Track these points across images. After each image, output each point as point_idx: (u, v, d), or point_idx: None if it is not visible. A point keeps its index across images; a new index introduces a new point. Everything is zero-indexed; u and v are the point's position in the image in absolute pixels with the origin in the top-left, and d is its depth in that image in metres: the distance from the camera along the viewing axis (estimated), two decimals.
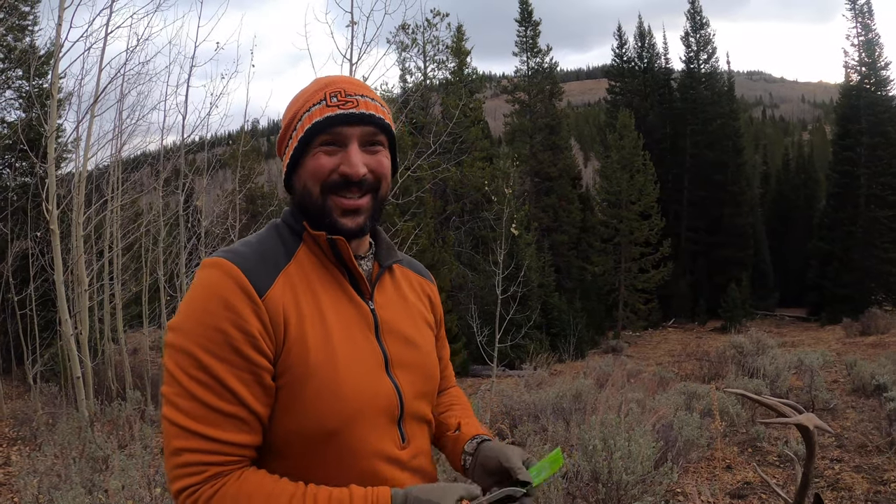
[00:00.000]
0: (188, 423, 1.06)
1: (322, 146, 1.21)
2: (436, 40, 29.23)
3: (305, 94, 1.26)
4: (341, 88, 1.23)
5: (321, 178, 1.20)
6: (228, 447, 1.08)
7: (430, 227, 22.93)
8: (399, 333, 1.29)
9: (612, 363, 14.83)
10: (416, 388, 1.29)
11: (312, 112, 1.22)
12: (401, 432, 1.25)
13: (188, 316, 1.10)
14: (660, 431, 5.27)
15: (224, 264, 1.13)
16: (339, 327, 1.20)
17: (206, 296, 1.11)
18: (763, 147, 59.32)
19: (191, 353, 1.07)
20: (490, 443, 1.37)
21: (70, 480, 4.26)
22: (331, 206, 1.21)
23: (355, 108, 1.21)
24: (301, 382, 1.13)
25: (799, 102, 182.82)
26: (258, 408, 1.11)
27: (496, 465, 1.29)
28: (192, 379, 1.07)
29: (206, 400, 1.06)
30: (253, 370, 1.10)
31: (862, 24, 33.94)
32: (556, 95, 35.52)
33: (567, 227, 33.54)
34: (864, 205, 32.63)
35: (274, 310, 1.13)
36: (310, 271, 1.22)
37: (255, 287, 1.12)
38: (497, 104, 50.10)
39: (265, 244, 1.22)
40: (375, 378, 1.21)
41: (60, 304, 7.98)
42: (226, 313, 1.09)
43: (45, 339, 12.80)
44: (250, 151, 24.76)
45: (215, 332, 1.08)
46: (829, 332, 23.20)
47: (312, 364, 1.14)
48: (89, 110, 9.28)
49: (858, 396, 8.42)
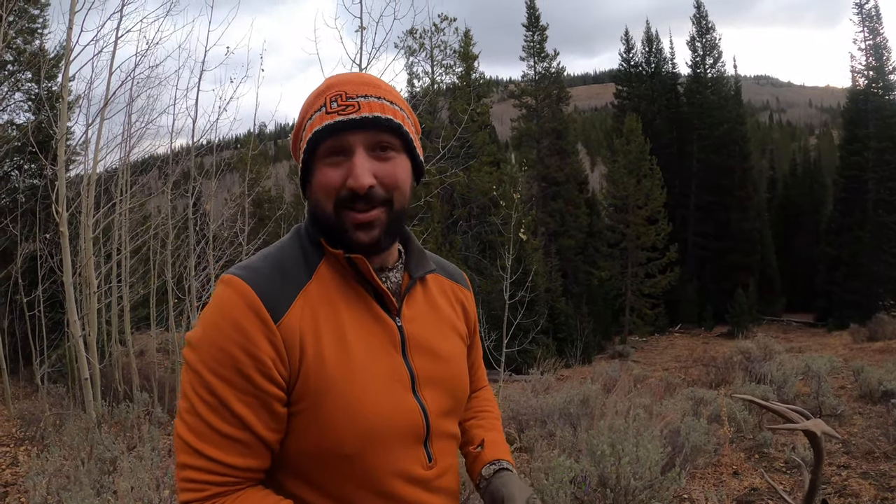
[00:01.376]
0: (193, 440, 1.04)
1: (327, 157, 1.13)
2: (443, 45, 29.33)
3: (309, 99, 1.19)
4: (342, 91, 1.13)
5: (332, 194, 1.12)
6: (230, 469, 1.05)
7: (437, 231, 22.98)
8: (427, 348, 1.23)
9: (619, 368, 14.82)
10: (443, 406, 1.23)
11: (314, 120, 1.14)
12: (427, 452, 1.19)
13: (202, 334, 1.07)
14: (667, 437, 5.26)
15: (238, 284, 1.07)
16: (362, 347, 1.13)
17: (219, 316, 1.06)
18: (770, 152, 59.23)
19: (199, 373, 1.05)
20: (503, 476, 1.34)
21: (79, 482, 4.28)
22: (344, 221, 1.13)
23: (356, 112, 1.11)
24: (318, 405, 1.09)
25: (806, 107, 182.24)
26: (264, 433, 1.07)
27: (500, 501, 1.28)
28: (199, 398, 1.05)
29: (210, 421, 1.04)
30: (260, 396, 1.05)
31: (869, 27, 33.88)
32: (563, 100, 35.55)
33: (574, 232, 33.51)
34: (872, 210, 32.51)
35: (290, 335, 1.07)
36: (332, 289, 1.15)
37: (271, 311, 1.06)
38: (504, 109, 50.17)
39: (286, 258, 1.15)
40: (399, 399, 1.15)
41: (69, 305, 8.01)
42: (236, 336, 1.04)
43: (52, 340, 12.86)
44: (258, 155, 24.85)
45: (224, 354, 1.04)
46: (837, 338, 23.11)
47: (329, 386, 1.09)
48: (99, 113, 9.35)
49: (866, 402, 8.37)
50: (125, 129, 11.51)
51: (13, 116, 16.32)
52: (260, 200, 30.17)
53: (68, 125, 10.57)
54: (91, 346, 8.79)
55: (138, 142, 12.09)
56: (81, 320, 9.01)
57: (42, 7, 15.84)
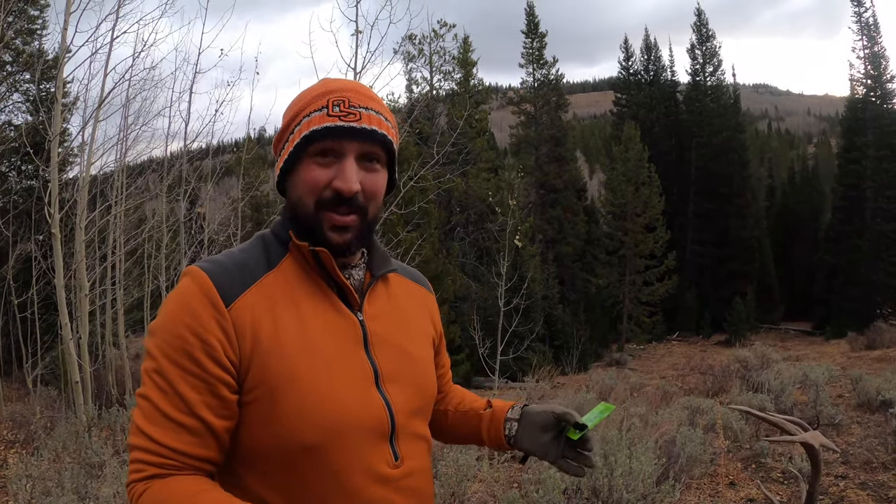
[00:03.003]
0: (142, 422, 1.06)
1: (317, 156, 1.17)
2: (442, 51, 29.35)
3: (308, 97, 1.21)
4: (346, 98, 1.17)
5: (316, 192, 1.16)
6: (170, 452, 1.05)
7: (434, 237, 22.93)
8: (392, 346, 1.24)
9: (616, 376, 14.77)
10: (410, 404, 1.23)
11: (312, 118, 1.17)
12: (393, 450, 1.19)
13: (158, 321, 1.11)
14: (662, 447, 5.20)
15: (195, 272, 1.12)
16: (323, 339, 1.15)
17: (174, 303, 1.11)
18: (769, 160, 59.47)
19: (154, 357, 1.08)
20: (534, 404, 1.44)
21: (63, 486, 4.21)
22: (322, 220, 1.17)
23: (357, 121, 1.16)
24: (277, 394, 1.09)
25: (805, 115, 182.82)
26: (210, 419, 1.07)
27: (548, 419, 1.39)
28: (151, 381, 1.07)
29: (158, 403, 1.06)
30: (207, 380, 1.07)
31: (868, 36, 33.95)
32: (561, 107, 35.61)
33: (572, 239, 33.51)
34: (870, 218, 32.52)
35: (241, 321, 1.10)
36: (293, 282, 1.18)
37: (223, 295, 1.09)
38: (503, 115, 50.33)
39: (247, 254, 1.20)
40: (362, 392, 1.16)
41: (61, 307, 7.96)
42: (187, 319, 1.07)
43: (45, 342, 12.80)
44: (255, 159, 24.79)
45: (175, 337, 1.07)
46: (835, 346, 23.05)
47: (289, 375, 1.09)
48: (94, 115, 9.29)
49: (864, 411, 8.31)
50: (121, 131, 11.47)
51: (10, 117, 16.33)
52: (258, 205, 30.09)
53: (63, 126, 10.54)
54: (83, 349, 8.72)
55: (133, 144, 12.04)
56: (74, 323, 8.95)
57: (42, 8, 15.85)
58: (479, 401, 1.54)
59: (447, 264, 22.68)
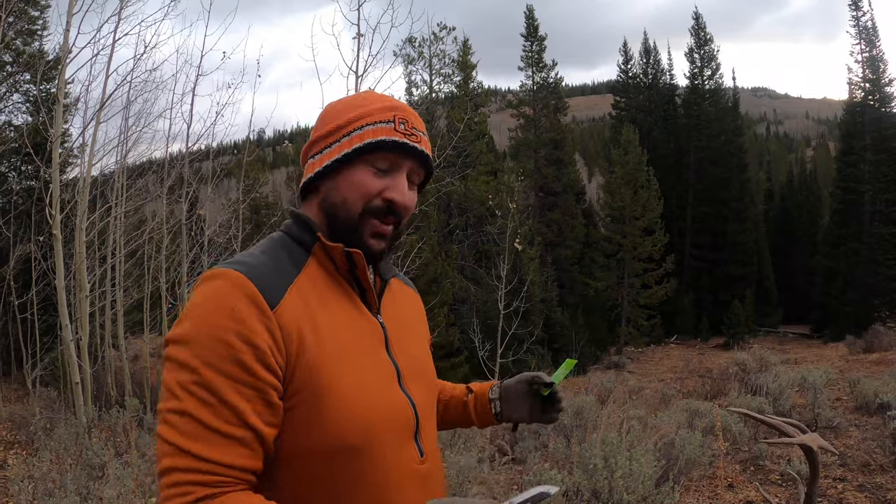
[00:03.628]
0: (180, 440, 0.97)
1: (374, 165, 1.19)
2: (442, 54, 29.31)
3: (370, 106, 1.22)
4: (408, 118, 1.23)
5: (367, 198, 1.18)
6: (220, 468, 0.98)
7: (433, 240, 22.90)
8: (405, 346, 1.28)
9: (614, 379, 14.78)
10: (426, 400, 1.29)
11: (378, 128, 1.19)
12: (419, 447, 1.22)
13: (191, 328, 1.02)
14: (661, 450, 5.22)
15: (230, 274, 1.06)
16: (354, 340, 1.16)
17: (212, 307, 1.03)
18: (767, 163, 59.60)
19: (191, 367, 1.00)
20: (507, 379, 1.57)
21: (65, 487, 4.23)
22: (366, 225, 1.20)
23: (418, 143, 1.22)
24: (320, 397, 1.07)
25: (803, 119, 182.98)
26: (261, 427, 1.02)
27: (522, 387, 1.53)
28: (190, 395, 0.99)
29: (201, 418, 0.98)
30: (258, 386, 1.02)
31: (866, 40, 33.96)
32: (560, 110, 35.61)
33: (570, 242, 33.49)
34: (869, 221, 32.53)
35: (287, 324, 1.06)
36: (321, 285, 1.17)
37: (266, 297, 1.05)
38: (502, 118, 50.33)
39: (271, 256, 1.16)
40: (391, 391, 1.19)
41: (61, 308, 7.97)
42: (232, 325, 1.01)
43: (45, 343, 12.79)
44: (255, 161, 24.83)
45: (220, 344, 1.00)
46: (833, 349, 23.05)
47: (331, 378, 1.08)
48: (95, 116, 9.31)
49: (862, 414, 8.33)
50: (122, 132, 11.49)
51: (11, 118, 16.33)
52: (257, 207, 30.09)
53: (64, 127, 10.55)
54: (83, 350, 8.73)
55: (135, 145, 12.06)
56: (74, 324, 8.95)
57: (42, 9, 15.86)
58: (457, 388, 1.62)
59: (446, 267, 22.63)
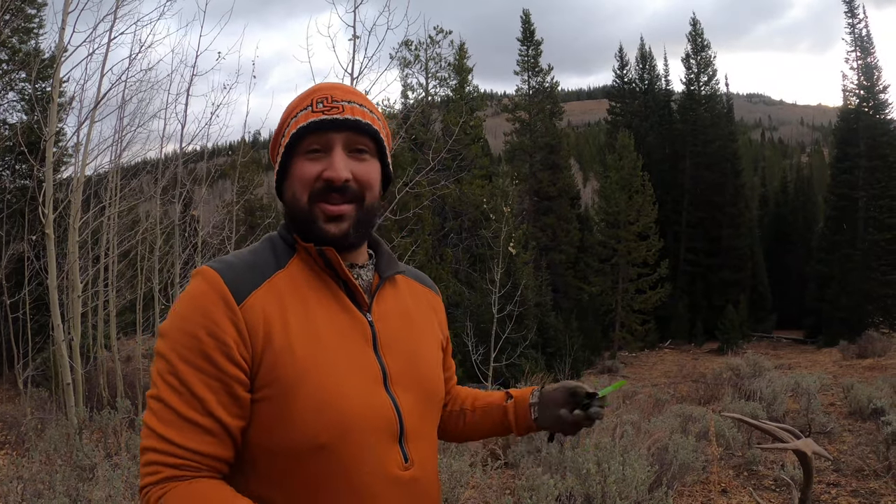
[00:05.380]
0: (156, 424, 1.06)
1: (307, 153, 1.20)
2: (438, 57, 29.33)
3: (294, 102, 1.25)
4: (328, 94, 1.22)
5: (308, 185, 1.19)
6: (187, 453, 1.05)
7: (427, 243, 22.93)
8: (400, 348, 1.25)
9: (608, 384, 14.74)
10: (418, 407, 1.24)
11: (298, 118, 1.21)
12: (403, 452, 1.19)
13: (170, 323, 1.11)
14: (655, 454, 5.21)
15: (207, 272, 1.13)
16: (333, 338, 1.16)
17: (186, 303, 1.11)
18: (762, 169, 59.71)
19: (167, 358, 1.08)
20: (547, 385, 1.49)
21: (54, 489, 4.18)
22: (316, 212, 1.19)
23: (340, 113, 1.20)
24: (289, 394, 1.09)
25: (798, 125, 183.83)
26: (225, 418, 1.08)
27: (563, 395, 1.43)
28: (165, 384, 1.07)
29: (173, 404, 1.06)
30: (222, 379, 1.07)
31: (861, 48, 34.15)
32: (556, 115, 35.66)
33: (565, 247, 33.51)
34: (863, 227, 32.68)
35: (253, 318, 1.10)
36: (302, 282, 1.19)
37: (234, 293, 1.10)
38: (498, 122, 50.23)
39: (257, 254, 1.21)
40: (371, 392, 1.17)
41: (53, 308, 7.91)
42: (201, 319, 1.08)
43: (37, 343, 12.74)
44: (250, 163, 24.78)
45: (189, 337, 1.08)
46: (826, 355, 23.10)
47: (301, 374, 1.10)
48: (89, 115, 9.27)
49: (855, 420, 8.35)
50: (116, 132, 11.45)
51: (6, 116, 16.28)
52: (252, 208, 30.04)
53: (59, 126, 10.50)
54: (75, 350, 8.68)
55: (129, 145, 12.02)
56: (66, 324, 8.89)
57: (39, 7, 15.82)
58: (493, 394, 1.56)
59: (440, 270, 22.65)
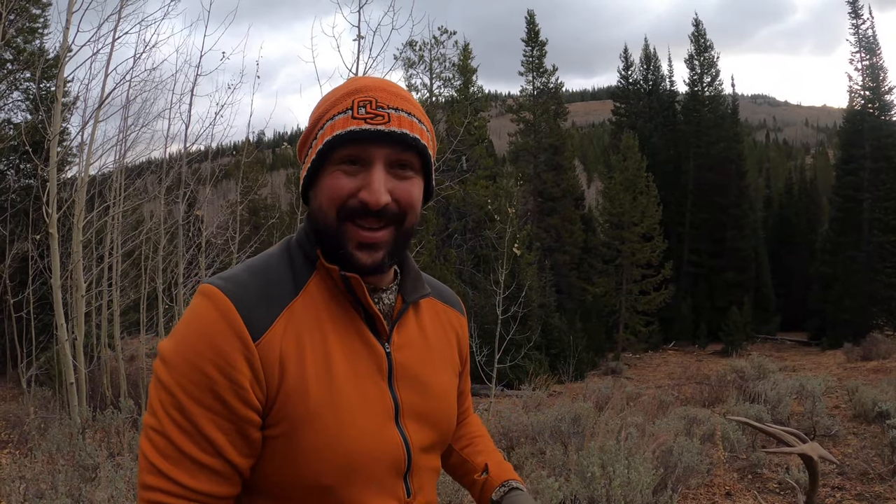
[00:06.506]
0: (160, 462, 0.97)
1: (342, 163, 1.05)
2: (442, 58, 29.32)
3: (333, 97, 1.09)
4: (373, 98, 1.05)
5: (338, 201, 1.04)
6: (198, 495, 0.98)
7: (431, 244, 22.92)
8: (415, 378, 1.16)
9: (612, 385, 14.71)
10: (427, 441, 1.17)
11: (336, 121, 1.05)
12: (406, 486, 1.13)
13: (175, 350, 0.99)
14: (659, 457, 5.18)
15: (218, 298, 1.00)
16: (347, 374, 1.06)
17: (195, 332, 0.99)
18: (766, 170, 59.66)
19: (171, 392, 0.97)
20: (514, 496, 1.34)
21: (56, 489, 4.18)
22: (346, 235, 1.05)
23: (385, 123, 1.03)
24: (298, 431, 1.02)
25: (802, 126, 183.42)
26: (236, 459, 1.00)
27: None
28: (170, 419, 0.97)
29: (180, 444, 0.97)
30: (235, 420, 0.99)
31: (866, 49, 34.07)
32: (560, 116, 35.61)
33: (569, 248, 33.47)
34: (867, 229, 32.59)
35: (269, 356, 1.00)
36: (320, 306, 1.08)
37: (251, 328, 0.99)
38: (502, 123, 50.22)
39: (272, 271, 1.08)
40: (381, 429, 1.09)
41: (57, 308, 7.92)
42: (212, 356, 0.97)
43: (41, 342, 12.76)
44: (254, 163, 24.83)
45: (199, 374, 0.97)
46: (831, 357, 23.04)
47: (311, 414, 1.02)
48: (94, 115, 9.28)
49: (860, 423, 8.31)
50: (120, 131, 11.46)
51: (10, 115, 16.34)
52: (256, 208, 30.10)
53: (63, 126, 10.52)
54: (78, 350, 8.69)
55: (133, 145, 12.04)
56: (69, 323, 8.90)
57: (43, 7, 15.86)
58: (479, 455, 1.44)
59: (444, 271, 22.63)
